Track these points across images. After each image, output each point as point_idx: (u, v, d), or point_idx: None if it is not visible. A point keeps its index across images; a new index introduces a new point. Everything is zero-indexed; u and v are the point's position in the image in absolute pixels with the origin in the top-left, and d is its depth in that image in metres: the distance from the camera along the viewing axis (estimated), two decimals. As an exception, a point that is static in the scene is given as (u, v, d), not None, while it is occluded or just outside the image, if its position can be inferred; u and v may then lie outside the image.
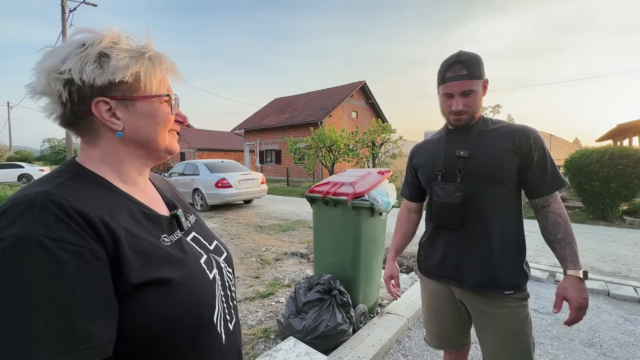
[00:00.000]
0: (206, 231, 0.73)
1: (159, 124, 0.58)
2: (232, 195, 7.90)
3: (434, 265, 1.29)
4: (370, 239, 2.44)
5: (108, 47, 0.51)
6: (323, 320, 2.07)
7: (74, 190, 0.48)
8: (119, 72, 0.51)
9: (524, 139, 1.12)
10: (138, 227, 0.53)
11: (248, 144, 22.31)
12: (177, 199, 0.74)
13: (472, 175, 1.15)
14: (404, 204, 1.50)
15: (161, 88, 0.58)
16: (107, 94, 0.52)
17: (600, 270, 3.80)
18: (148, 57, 0.55)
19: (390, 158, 12.88)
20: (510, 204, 1.16)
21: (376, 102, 21.34)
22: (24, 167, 16.93)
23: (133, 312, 0.46)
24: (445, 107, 1.18)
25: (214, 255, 0.67)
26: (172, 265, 0.52)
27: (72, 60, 0.49)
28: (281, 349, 1.77)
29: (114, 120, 0.54)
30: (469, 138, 1.19)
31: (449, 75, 1.13)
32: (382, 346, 2.15)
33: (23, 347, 0.37)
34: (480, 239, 1.16)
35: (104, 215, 0.47)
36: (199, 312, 0.54)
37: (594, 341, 2.32)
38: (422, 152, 1.35)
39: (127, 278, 0.46)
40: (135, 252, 0.48)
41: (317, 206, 2.57)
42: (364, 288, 2.47)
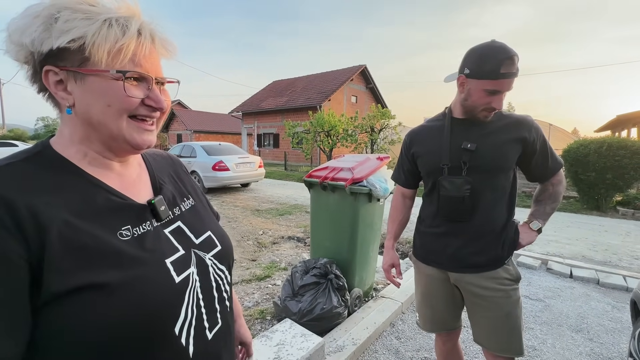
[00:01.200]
0: (199, 221, 0.63)
1: (110, 106, 0.47)
2: (229, 179, 7.88)
3: (431, 252, 1.31)
4: (367, 225, 2.45)
5: (64, 8, 0.44)
6: (319, 303, 2.10)
7: (16, 175, 0.43)
8: (61, 37, 0.43)
9: (527, 130, 1.15)
10: (87, 217, 0.46)
11: (246, 127, 22.10)
12: (175, 181, 0.67)
13: (478, 167, 1.15)
14: (398, 190, 1.48)
15: (118, 60, 0.46)
16: (56, 63, 0.45)
17: (591, 259, 3.88)
18: (105, 21, 0.44)
19: (389, 144, 12.84)
20: (509, 188, 1.21)
21: (376, 87, 21.06)
22: (18, 146, 16.72)
23: (58, 322, 0.40)
24: (481, 102, 1.10)
25: (197, 251, 0.58)
26: (117, 265, 0.45)
27: (23, 21, 0.43)
28: (277, 330, 1.81)
29: (63, 95, 0.47)
30: (474, 129, 1.17)
31: (504, 71, 1.04)
32: (375, 329, 2.21)
33: None
34: (482, 227, 1.19)
35: (39, 204, 0.42)
36: (147, 322, 0.45)
37: (581, 327, 2.39)
38: (423, 140, 1.31)
39: (48, 283, 0.40)
40: (68, 249, 0.42)
41: (315, 191, 2.57)
42: (359, 272, 2.50)
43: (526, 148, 1.15)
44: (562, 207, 6.91)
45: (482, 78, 1.07)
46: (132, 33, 0.47)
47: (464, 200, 1.16)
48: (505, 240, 1.20)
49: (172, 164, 0.71)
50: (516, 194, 1.24)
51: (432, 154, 1.25)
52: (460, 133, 1.19)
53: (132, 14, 0.48)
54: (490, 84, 1.06)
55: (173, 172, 0.69)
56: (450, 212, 1.21)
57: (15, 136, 30.14)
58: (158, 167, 0.66)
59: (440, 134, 1.23)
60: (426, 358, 2.04)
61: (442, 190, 1.21)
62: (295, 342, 1.70)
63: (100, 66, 0.46)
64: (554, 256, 3.85)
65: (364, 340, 2.08)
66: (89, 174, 0.50)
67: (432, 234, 1.30)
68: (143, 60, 0.49)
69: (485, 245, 1.19)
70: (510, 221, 1.22)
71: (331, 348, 1.97)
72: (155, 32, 0.50)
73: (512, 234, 1.21)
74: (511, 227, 1.21)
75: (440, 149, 1.21)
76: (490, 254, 1.19)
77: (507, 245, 1.20)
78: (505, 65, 1.04)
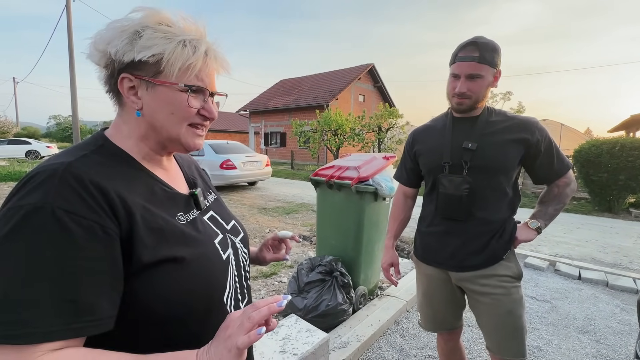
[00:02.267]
0: (225, 211, 0.73)
1: (174, 113, 0.55)
2: (236, 177, 7.96)
3: (431, 252, 1.31)
4: (372, 223, 2.47)
5: (146, 26, 0.51)
6: (324, 300, 2.13)
7: (96, 164, 0.49)
8: (142, 52, 0.50)
9: (530, 131, 1.14)
10: (155, 204, 0.53)
11: (253, 126, 22.22)
12: (200, 177, 0.75)
13: (478, 167, 1.15)
14: (400, 189, 1.49)
15: (186, 75, 0.54)
16: (132, 72, 0.52)
17: (601, 261, 3.82)
18: (181, 42, 0.52)
19: (396, 143, 12.80)
20: (510, 190, 1.20)
21: (384, 85, 20.97)
22: (31, 144, 17.13)
23: (144, 289, 0.47)
24: (450, 89, 1.17)
25: (230, 235, 0.67)
26: (185, 243, 0.53)
27: (111, 34, 0.50)
28: (283, 325, 1.84)
29: (134, 99, 0.54)
30: (476, 129, 1.17)
31: (461, 55, 1.11)
32: (380, 326, 2.22)
33: (27, 313, 0.38)
34: (481, 226, 1.19)
35: (122, 190, 0.48)
36: (209, 292, 0.54)
37: (588, 329, 2.37)
38: (425, 138, 1.32)
39: (139, 256, 0.47)
40: (150, 229, 0.49)
41: (321, 189, 2.59)
42: (364, 271, 2.52)
43: (529, 149, 1.15)
44: (573, 209, 6.80)
45: (450, 64, 1.16)
46: (200, 53, 0.54)
47: (462, 199, 1.17)
48: (502, 236, 1.20)
49: (192, 162, 0.79)
50: (519, 195, 1.24)
51: (433, 152, 1.26)
52: (461, 132, 1.20)
53: (201, 36, 0.56)
54: (452, 68, 1.14)
55: (196, 170, 0.77)
56: (449, 210, 1.22)
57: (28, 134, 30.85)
58: (185, 164, 0.73)
59: (443, 132, 1.25)
60: (430, 356, 2.05)
61: (441, 188, 1.22)
62: (300, 337, 1.73)
63: (171, 79, 0.53)
64: (562, 257, 3.80)
65: (369, 337, 2.10)
66: (144, 166, 0.57)
67: (432, 234, 1.30)
68: (204, 75, 0.56)
69: (484, 244, 1.19)
70: (512, 220, 1.23)
71: (336, 344, 1.99)
72: (217, 52, 0.58)
73: (509, 231, 1.22)
74: (509, 224, 1.22)
75: (441, 147, 1.23)
76: (488, 253, 1.19)
77: (504, 241, 1.21)
78: (464, 49, 1.10)
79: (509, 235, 1.21)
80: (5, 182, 8.53)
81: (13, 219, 0.41)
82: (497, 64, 1.12)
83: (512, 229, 1.22)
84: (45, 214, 0.41)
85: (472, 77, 1.10)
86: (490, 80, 1.13)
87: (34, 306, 0.39)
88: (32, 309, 0.39)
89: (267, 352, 1.62)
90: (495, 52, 1.10)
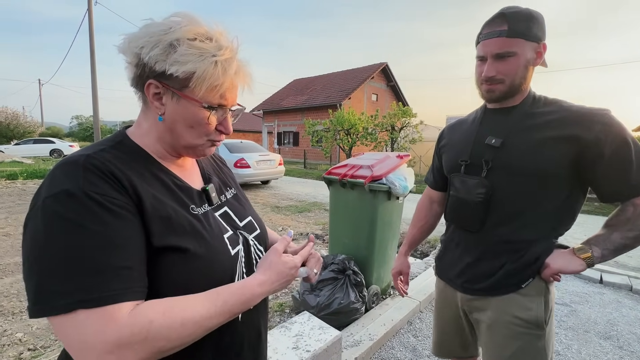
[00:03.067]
0: (242, 207, 0.73)
1: (193, 127, 0.58)
2: (250, 176, 8.06)
3: (445, 265, 1.14)
4: (386, 223, 2.46)
5: (183, 40, 0.52)
6: (336, 298, 2.14)
7: (111, 156, 0.52)
8: (174, 66, 0.52)
9: (586, 126, 0.83)
10: (166, 194, 0.56)
11: (266, 125, 22.41)
12: (219, 172, 0.76)
13: (502, 168, 0.93)
14: (426, 192, 1.31)
15: (212, 95, 0.56)
16: (161, 80, 0.54)
17: (625, 264, 3.68)
18: (214, 62, 0.53)
19: (409, 143, 12.64)
20: (552, 203, 0.90)
21: (397, 84, 20.75)
22: (55, 143, 17.81)
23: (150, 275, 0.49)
24: (477, 75, 0.96)
25: (242, 232, 0.67)
26: (193, 235, 0.54)
27: (151, 40, 0.52)
28: (296, 322, 1.86)
29: (158, 105, 0.56)
30: (508, 122, 0.94)
31: (486, 31, 0.90)
32: (393, 326, 2.21)
33: (95, 279, 0.43)
34: (498, 245, 0.96)
35: (134, 179, 0.51)
36: (213, 286, 0.54)
37: (610, 334, 2.29)
38: (452, 134, 1.14)
39: (151, 238, 0.50)
40: (159, 217, 0.51)
41: (334, 188, 2.60)
42: (377, 270, 2.51)
43: (583, 151, 0.83)
44: (595, 210, 6.56)
45: (476, 47, 0.95)
46: (230, 75, 0.56)
47: (475, 206, 0.96)
48: (523, 257, 0.92)
49: (214, 158, 0.81)
50: (572, 212, 0.93)
51: (454, 149, 1.08)
52: (491, 125, 0.98)
53: (233, 55, 0.57)
54: (477, 50, 0.94)
55: (215, 165, 0.79)
56: (457, 216, 1.04)
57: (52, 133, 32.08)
58: (204, 160, 0.75)
59: (471, 126, 1.05)
60: (444, 357, 2.03)
61: (452, 190, 1.04)
62: (313, 334, 1.75)
63: (197, 96, 0.55)
64: (583, 260, 3.68)
65: (381, 336, 2.10)
66: (158, 161, 0.60)
67: (447, 244, 1.13)
68: (228, 94, 0.58)
69: (498, 267, 0.96)
70: (547, 240, 0.93)
71: (348, 342, 2.00)
72: (246, 72, 0.59)
73: (537, 253, 0.91)
74: (542, 245, 0.92)
75: (462, 143, 1.04)
76: (499, 277, 0.95)
77: (524, 263, 0.92)
78: (490, 24, 0.89)
79: (534, 258, 0.91)
80: (32, 179, 8.90)
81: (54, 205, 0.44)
82: (537, 35, 0.87)
83: (542, 250, 0.91)
84: (81, 197, 0.45)
85: (500, 56, 0.88)
86: (528, 57, 0.88)
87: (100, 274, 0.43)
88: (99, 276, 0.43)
89: (281, 347, 1.64)
90: (531, 20, 0.86)
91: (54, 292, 0.41)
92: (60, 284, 0.42)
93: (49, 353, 1.93)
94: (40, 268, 0.42)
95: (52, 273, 0.42)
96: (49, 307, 0.41)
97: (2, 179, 8.40)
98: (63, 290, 0.41)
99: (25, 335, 2.11)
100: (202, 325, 0.48)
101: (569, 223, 0.94)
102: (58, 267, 0.42)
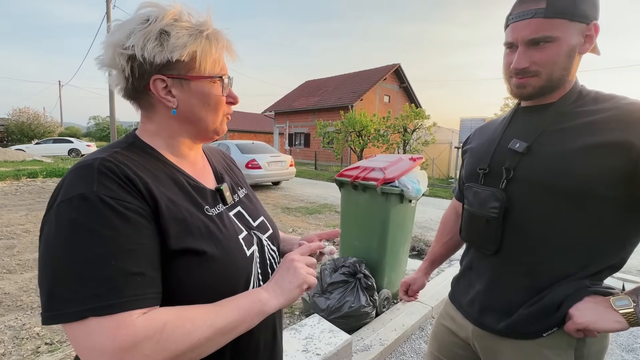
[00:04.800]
0: (254, 207, 0.73)
1: (211, 105, 0.58)
2: (261, 177, 8.11)
3: (458, 289, 0.96)
4: (398, 226, 2.42)
5: (170, 24, 0.52)
6: (347, 301, 2.12)
7: (126, 159, 0.51)
8: (177, 51, 0.51)
9: (637, 129, 0.64)
10: (181, 196, 0.55)
11: (278, 127, 22.54)
12: (230, 172, 0.75)
13: (524, 180, 0.75)
14: (452, 204, 1.15)
15: (215, 68, 0.57)
16: (165, 72, 0.53)
17: (648, 273, 3.53)
18: (206, 36, 0.54)
19: (422, 145, 12.49)
20: (592, 229, 0.70)
21: (410, 86, 20.57)
22: (73, 142, 18.38)
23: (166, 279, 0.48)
24: (505, 66, 0.78)
25: (255, 232, 0.66)
26: (209, 237, 0.53)
27: (136, 36, 0.50)
28: (306, 325, 1.85)
29: (169, 98, 0.55)
30: (540, 122, 0.76)
31: (517, 11, 0.72)
32: (404, 331, 2.18)
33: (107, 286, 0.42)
34: (519, 280, 0.77)
35: (149, 182, 0.50)
36: (230, 288, 0.54)
37: (634, 347, 2.19)
38: (479, 136, 0.97)
39: (168, 241, 0.49)
40: (174, 220, 0.50)
41: (345, 190, 2.58)
42: (388, 274, 2.48)
43: (637, 164, 0.64)
44: None
45: (504, 32, 0.78)
46: (221, 45, 0.57)
47: (488, 223, 0.79)
48: (542, 301, 0.73)
49: (224, 157, 0.80)
50: (620, 241, 0.71)
51: (476, 154, 0.91)
52: (520, 126, 0.81)
53: (212, 26, 0.56)
54: (506, 35, 0.76)
55: (226, 165, 0.77)
56: (471, 236, 0.87)
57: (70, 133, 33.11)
58: (215, 159, 0.74)
59: (499, 128, 0.88)
60: (457, 365, 1.98)
61: (465, 203, 0.89)
62: (323, 337, 1.73)
63: (205, 73, 0.56)
64: (603, 268, 3.54)
65: (392, 341, 2.06)
66: (171, 161, 0.59)
67: (463, 265, 0.97)
68: (224, 64, 0.60)
69: (515, 302, 0.77)
70: (577, 281, 0.71)
71: (358, 347, 1.97)
72: (229, 40, 0.60)
73: (559, 299, 0.71)
74: (569, 287, 0.71)
75: (485, 148, 0.87)
76: (516, 320, 0.76)
77: (542, 309, 0.72)
78: (522, 2, 0.71)
79: (556, 304, 0.71)
80: (50, 177, 9.19)
81: (67, 210, 0.44)
82: (587, 13, 0.68)
83: (568, 295, 0.70)
84: (96, 201, 0.44)
85: (536, 42, 0.70)
86: (574, 42, 0.69)
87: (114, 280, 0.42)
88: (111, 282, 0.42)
89: (290, 350, 1.63)
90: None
91: (65, 299, 0.41)
92: (71, 291, 0.41)
93: (65, 347, 1.98)
94: (52, 274, 0.42)
95: (63, 279, 0.42)
96: (60, 315, 0.41)
97: (23, 177, 8.70)
98: (74, 298, 0.41)
99: (42, 329, 2.17)
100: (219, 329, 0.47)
101: (617, 259, 0.71)
102: (69, 274, 0.42)
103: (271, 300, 0.55)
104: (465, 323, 0.90)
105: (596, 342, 0.73)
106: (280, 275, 0.58)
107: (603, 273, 0.72)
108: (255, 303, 0.53)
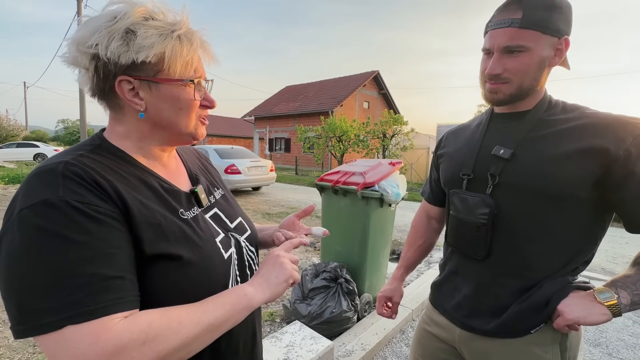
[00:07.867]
0: (231, 208, 0.71)
1: (182, 109, 0.55)
2: (240, 182, 7.97)
3: (441, 294, 0.97)
4: (378, 230, 2.44)
5: (137, 23, 0.49)
6: (328, 307, 2.10)
7: (92, 162, 0.48)
8: (142, 52, 0.48)
9: (612, 137, 0.69)
10: (154, 200, 0.52)
11: (258, 131, 22.34)
12: (205, 172, 0.73)
13: (510, 185, 0.78)
14: (423, 207, 1.15)
15: (187, 70, 0.54)
16: (131, 74, 0.50)
17: (611, 271, 3.75)
18: (177, 36, 0.51)
19: (401, 150, 12.76)
20: (568, 230, 0.75)
21: (389, 92, 21.02)
22: (39, 147, 17.35)
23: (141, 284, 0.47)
24: (481, 72, 0.81)
25: (233, 234, 0.65)
26: (184, 241, 0.52)
27: (101, 34, 0.47)
28: (287, 332, 1.81)
29: (136, 101, 0.52)
30: (519, 129, 0.79)
31: (496, 19, 0.75)
32: (385, 335, 2.19)
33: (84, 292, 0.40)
34: (507, 281, 0.80)
35: (118, 186, 0.48)
36: (208, 292, 0.52)
37: (600, 341, 2.31)
38: (453, 140, 0.98)
39: (142, 246, 0.47)
40: (148, 224, 0.48)
41: (326, 195, 2.58)
42: (369, 278, 2.49)
43: (609, 168, 0.69)
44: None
45: (484, 38, 0.81)
46: (195, 46, 0.54)
47: (478, 230, 0.81)
48: (530, 298, 0.77)
49: (199, 157, 0.77)
50: (592, 241, 0.77)
51: (454, 160, 0.92)
52: (499, 133, 0.83)
53: (188, 27, 0.54)
54: (484, 41, 0.79)
55: (201, 165, 0.75)
56: (458, 240, 0.88)
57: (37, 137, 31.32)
58: (189, 160, 0.72)
59: (474, 133, 0.91)
60: (437, 366, 2.01)
61: (452, 209, 0.90)
62: (304, 344, 1.71)
63: (174, 76, 0.53)
64: (570, 267, 3.74)
65: (374, 345, 2.06)
66: (142, 164, 0.56)
67: (445, 270, 0.97)
68: (199, 66, 0.57)
69: (503, 303, 0.80)
70: (562, 277, 0.76)
71: (340, 352, 1.96)
72: (205, 41, 0.57)
73: (547, 295, 0.75)
74: (555, 284, 0.75)
75: (464, 154, 0.89)
76: (506, 319, 0.79)
77: (532, 306, 0.76)
78: (502, 10, 0.75)
79: (544, 301, 0.75)
80: (14, 184, 8.62)
81: (31, 217, 0.41)
82: (559, 28, 0.72)
83: (555, 291, 0.74)
84: (62, 207, 0.41)
85: (510, 50, 0.73)
86: (544, 55, 0.73)
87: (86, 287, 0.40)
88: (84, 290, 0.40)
89: (271, 359, 1.59)
90: (553, 9, 0.71)
91: (39, 309, 0.38)
92: (44, 300, 0.39)
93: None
94: (20, 286, 0.39)
95: (33, 290, 0.39)
96: (34, 327, 0.38)
97: (-18, 183, 8.11)
98: (48, 307, 0.38)
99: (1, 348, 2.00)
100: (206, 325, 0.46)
101: (589, 255, 0.78)
102: (40, 283, 0.39)
103: (257, 294, 0.54)
104: (451, 327, 0.92)
105: (575, 334, 0.80)
106: (267, 270, 0.57)
107: (579, 268, 0.78)
108: (241, 298, 0.52)
